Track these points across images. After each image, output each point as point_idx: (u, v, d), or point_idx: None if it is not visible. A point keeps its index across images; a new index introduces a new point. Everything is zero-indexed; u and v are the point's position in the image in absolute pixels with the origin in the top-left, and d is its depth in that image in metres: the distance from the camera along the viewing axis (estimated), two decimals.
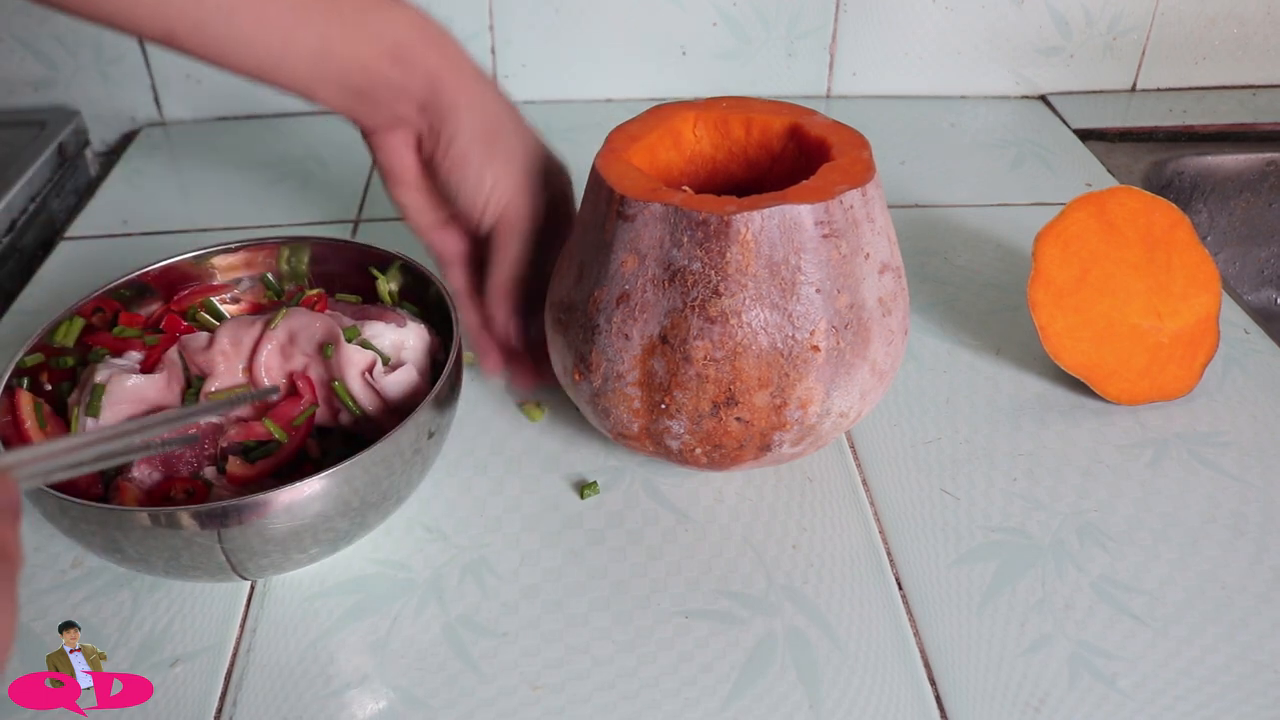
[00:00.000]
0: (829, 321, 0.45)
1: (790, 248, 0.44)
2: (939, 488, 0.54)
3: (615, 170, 0.48)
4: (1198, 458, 0.56)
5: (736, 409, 0.46)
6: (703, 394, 0.46)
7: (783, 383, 0.46)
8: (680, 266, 0.45)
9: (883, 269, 0.48)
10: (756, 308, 0.45)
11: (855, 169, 0.47)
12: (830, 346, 0.46)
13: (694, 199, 0.45)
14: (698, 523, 0.52)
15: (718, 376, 0.46)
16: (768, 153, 0.53)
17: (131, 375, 0.48)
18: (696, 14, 0.89)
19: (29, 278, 0.72)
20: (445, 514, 0.53)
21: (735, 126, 0.53)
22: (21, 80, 0.87)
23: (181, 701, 0.44)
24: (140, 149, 0.88)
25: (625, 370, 0.47)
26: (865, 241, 0.46)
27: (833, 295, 0.45)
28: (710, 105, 0.53)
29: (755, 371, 0.45)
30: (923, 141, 0.88)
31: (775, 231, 0.44)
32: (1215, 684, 0.44)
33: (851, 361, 0.46)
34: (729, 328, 0.45)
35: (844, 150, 0.49)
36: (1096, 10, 0.91)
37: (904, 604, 0.48)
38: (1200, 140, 0.90)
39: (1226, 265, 0.91)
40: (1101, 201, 0.59)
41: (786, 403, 0.46)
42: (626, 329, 0.46)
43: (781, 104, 0.53)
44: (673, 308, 0.45)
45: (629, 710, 0.43)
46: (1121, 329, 0.59)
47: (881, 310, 0.47)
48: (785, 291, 0.45)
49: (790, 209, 0.44)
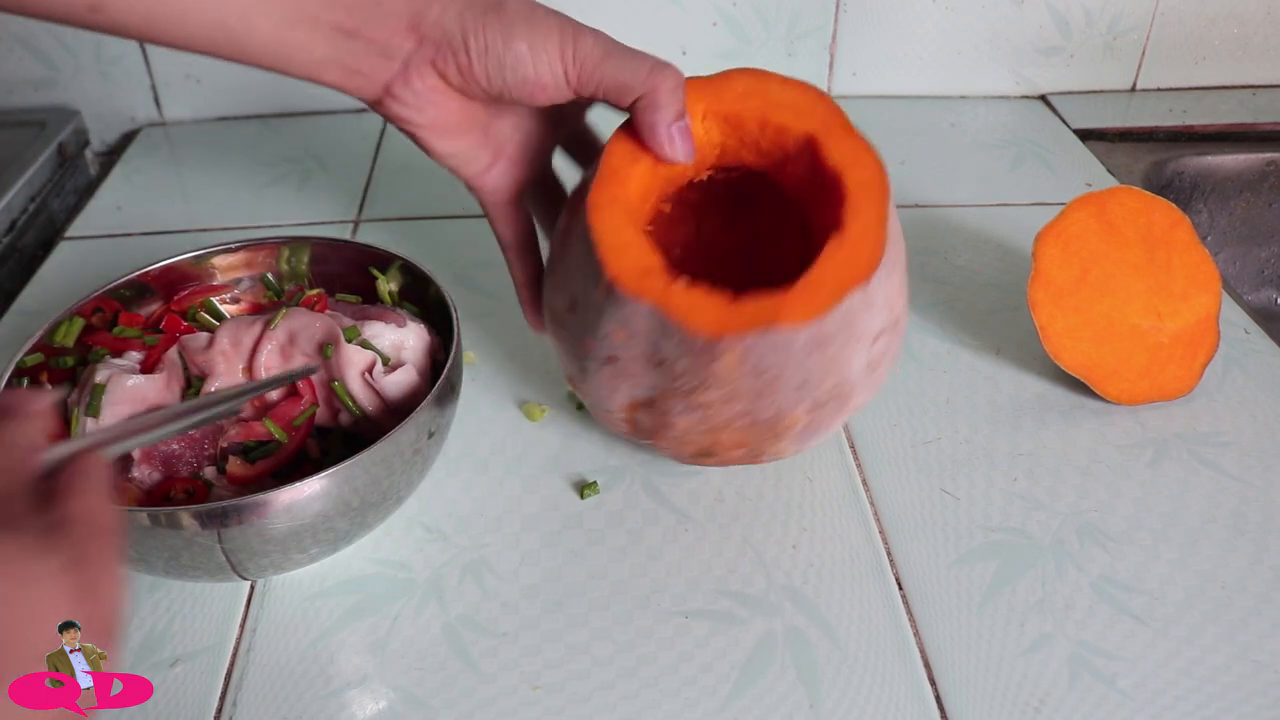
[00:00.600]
0: (809, 404, 0.45)
1: (775, 360, 0.42)
2: (939, 488, 0.54)
3: (608, 229, 0.44)
4: (1198, 458, 0.56)
5: (714, 457, 0.49)
6: (684, 446, 0.48)
7: (759, 444, 0.47)
8: (667, 358, 0.43)
9: (877, 337, 0.45)
10: (739, 401, 0.44)
11: (864, 247, 0.43)
12: (809, 420, 0.46)
13: (683, 303, 0.42)
14: (698, 523, 0.52)
15: (698, 440, 0.47)
16: (781, 149, 0.49)
17: (131, 375, 0.48)
18: (696, 14, 0.89)
19: (29, 278, 0.72)
20: (445, 514, 0.53)
21: (749, 124, 0.48)
22: (21, 80, 0.87)
23: (181, 701, 0.44)
24: (140, 149, 0.88)
25: (613, 409, 0.48)
26: (861, 327, 0.44)
27: (816, 386, 0.44)
28: (721, 92, 0.47)
29: (733, 439, 0.46)
30: (923, 141, 0.88)
31: (762, 350, 0.42)
32: (1215, 684, 0.44)
33: (828, 423, 0.47)
34: (710, 414, 0.45)
35: (859, 206, 0.44)
36: (1096, 10, 0.91)
37: (904, 604, 0.48)
38: (1200, 140, 0.90)
39: (1226, 265, 0.91)
40: (1101, 201, 0.59)
41: (762, 453, 0.48)
42: (614, 384, 0.46)
43: (804, 96, 0.47)
44: (658, 385, 0.45)
45: (629, 710, 0.43)
46: (1121, 329, 0.59)
47: (868, 370, 0.46)
48: (767, 389, 0.44)
49: (780, 333, 0.41)
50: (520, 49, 0.44)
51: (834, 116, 0.47)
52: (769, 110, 0.47)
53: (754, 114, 0.47)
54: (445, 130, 0.48)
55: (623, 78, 0.45)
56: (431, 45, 0.45)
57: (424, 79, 0.46)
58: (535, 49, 0.44)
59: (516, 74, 0.45)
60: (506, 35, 0.44)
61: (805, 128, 0.46)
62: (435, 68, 0.45)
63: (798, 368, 0.43)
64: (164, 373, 0.49)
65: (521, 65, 0.45)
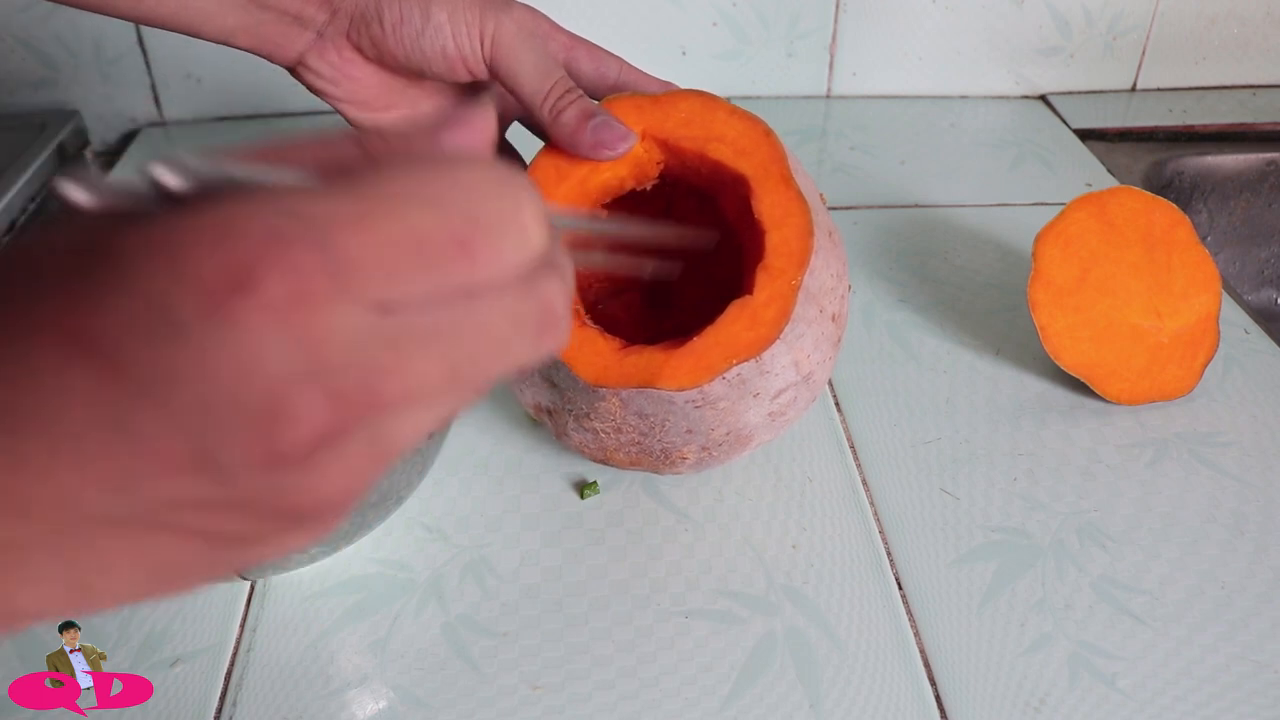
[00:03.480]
0: (699, 445, 0.46)
1: (659, 410, 0.44)
2: (939, 488, 0.54)
3: None
4: (1198, 458, 0.56)
5: (610, 464, 0.49)
6: (584, 451, 0.49)
7: (655, 467, 0.48)
8: (559, 384, 0.46)
9: (779, 393, 0.45)
10: (627, 433, 0.46)
11: (765, 318, 0.43)
12: (699, 457, 0.47)
13: (573, 344, 0.43)
14: (698, 523, 0.52)
15: (594, 454, 0.49)
16: (718, 180, 0.48)
17: None
18: (696, 14, 0.89)
19: None
20: (445, 514, 0.53)
21: (687, 154, 0.47)
22: (21, 80, 0.87)
23: (181, 701, 0.44)
24: (140, 149, 0.88)
25: (525, 400, 0.50)
26: (756, 387, 0.44)
27: (706, 434, 0.45)
28: (667, 114, 0.46)
29: (628, 459, 0.48)
30: (923, 141, 0.88)
31: (642, 401, 0.44)
32: (1215, 684, 0.44)
33: (728, 457, 0.48)
34: (601, 438, 0.47)
35: (773, 268, 0.43)
36: (1096, 10, 0.91)
37: (904, 604, 0.48)
38: (1200, 140, 0.90)
39: (1226, 265, 0.91)
40: (1101, 201, 0.59)
41: (660, 472, 0.49)
42: (520, 386, 0.49)
43: (749, 132, 0.46)
44: (555, 402, 0.47)
45: (629, 710, 0.43)
46: (1121, 329, 0.59)
47: (770, 419, 0.46)
48: (656, 429, 0.45)
49: (660, 395, 0.42)
50: (439, 18, 0.45)
51: (774, 163, 0.45)
52: (709, 144, 0.46)
53: (693, 145, 0.46)
54: (364, 104, 0.48)
55: (528, 84, 0.46)
56: (345, 17, 0.45)
57: (340, 51, 0.46)
58: (454, 18, 0.45)
59: (435, 44, 0.45)
60: (424, 5, 0.45)
61: (741, 170, 0.45)
62: (350, 40, 0.46)
63: (682, 418, 0.44)
64: None
65: (440, 35, 0.45)
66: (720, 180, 0.47)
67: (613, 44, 0.91)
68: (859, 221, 0.77)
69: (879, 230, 0.76)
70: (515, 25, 0.46)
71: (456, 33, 0.45)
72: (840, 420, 0.59)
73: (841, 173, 0.83)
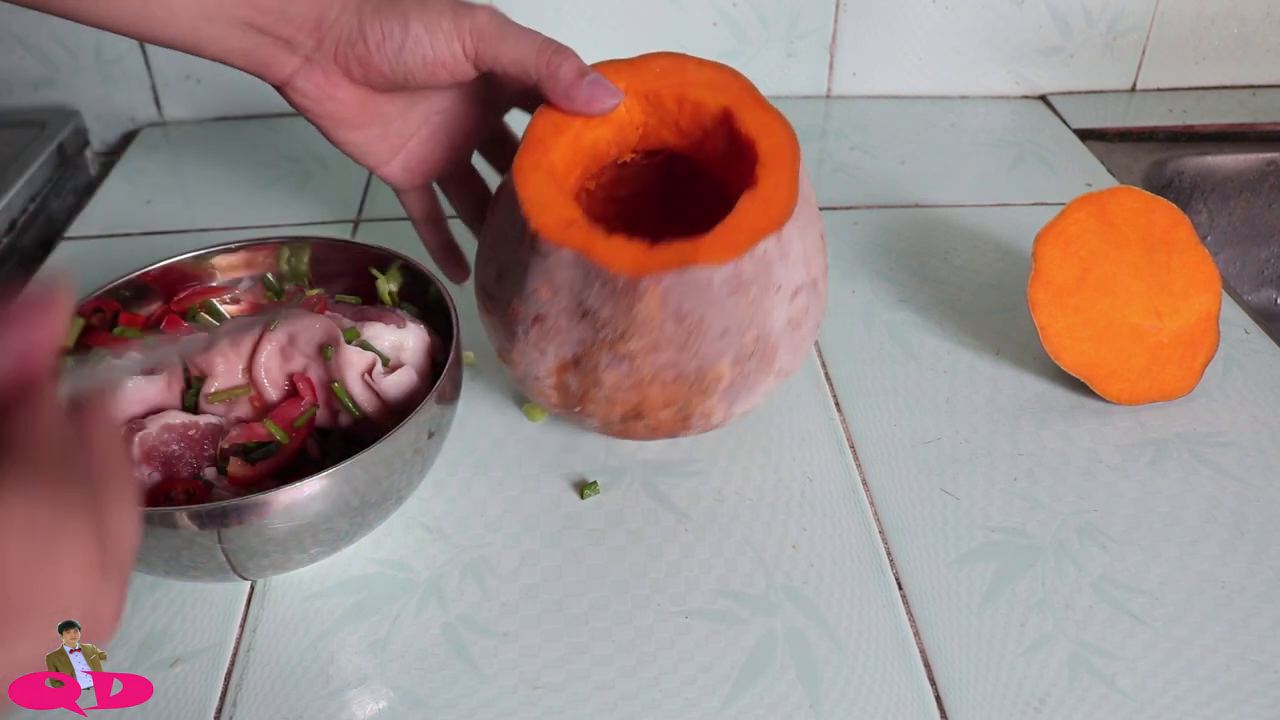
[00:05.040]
0: (734, 356, 0.46)
1: (697, 302, 0.44)
2: (939, 488, 0.54)
3: (532, 189, 0.46)
4: (1198, 458, 0.56)
5: (644, 420, 0.49)
6: (612, 408, 0.48)
7: (687, 404, 0.48)
8: (591, 308, 0.45)
9: (796, 292, 0.47)
10: (664, 351, 0.45)
11: (777, 200, 0.46)
12: (735, 375, 0.47)
13: (604, 247, 0.44)
14: (698, 523, 0.52)
15: (626, 399, 0.48)
16: (700, 127, 0.51)
17: (132, 376, 0.48)
18: (696, 14, 0.89)
19: (29, 278, 0.72)
20: (445, 514, 0.53)
21: (667, 101, 0.51)
22: (21, 80, 0.87)
23: (181, 701, 0.44)
24: (140, 149, 0.88)
25: (542, 375, 0.49)
26: (778, 276, 0.46)
27: (739, 335, 0.46)
28: (641, 72, 0.51)
29: (661, 396, 0.47)
30: (923, 141, 0.88)
31: (682, 290, 0.43)
32: (1215, 684, 0.44)
33: (754, 380, 0.48)
34: (636, 365, 0.46)
35: (770, 166, 0.47)
36: (1096, 10, 0.91)
37: (904, 604, 0.48)
38: (1200, 140, 0.90)
39: (1226, 265, 0.91)
40: (1101, 201, 0.59)
41: (691, 414, 0.49)
42: (543, 345, 0.48)
43: (719, 74, 0.51)
44: (584, 339, 0.46)
45: (629, 710, 0.43)
46: (1121, 329, 0.59)
47: (790, 328, 0.48)
48: (691, 335, 0.45)
49: (698, 272, 0.43)
50: (417, 30, 0.48)
51: (747, 92, 0.50)
52: (686, 88, 0.50)
53: (672, 91, 0.50)
54: (344, 122, 0.52)
55: (519, 54, 0.49)
56: (332, 43, 0.49)
57: (326, 74, 0.50)
58: (431, 27, 0.48)
59: (416, 54, 0.49)
60: (402, 20, 0.48)
61: (720, 102, 0.50)
62: (338, 64, 0.50)
63: (718, 311, 0.44)
64: (164, 374, 0.49)
65: (420, 45, 0.48)
66: (701, 125, 0.51)
67: (613, 44, 0.91)
68: (859, 221, 0.77)
69: (879, 230, 0.76)
70: (487, 15, 0.49)
71: (434, 40, 0.48)
72: (840, 420, 0.59)
73: (841, 173, 0.83)
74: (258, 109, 0.92)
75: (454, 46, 0.49)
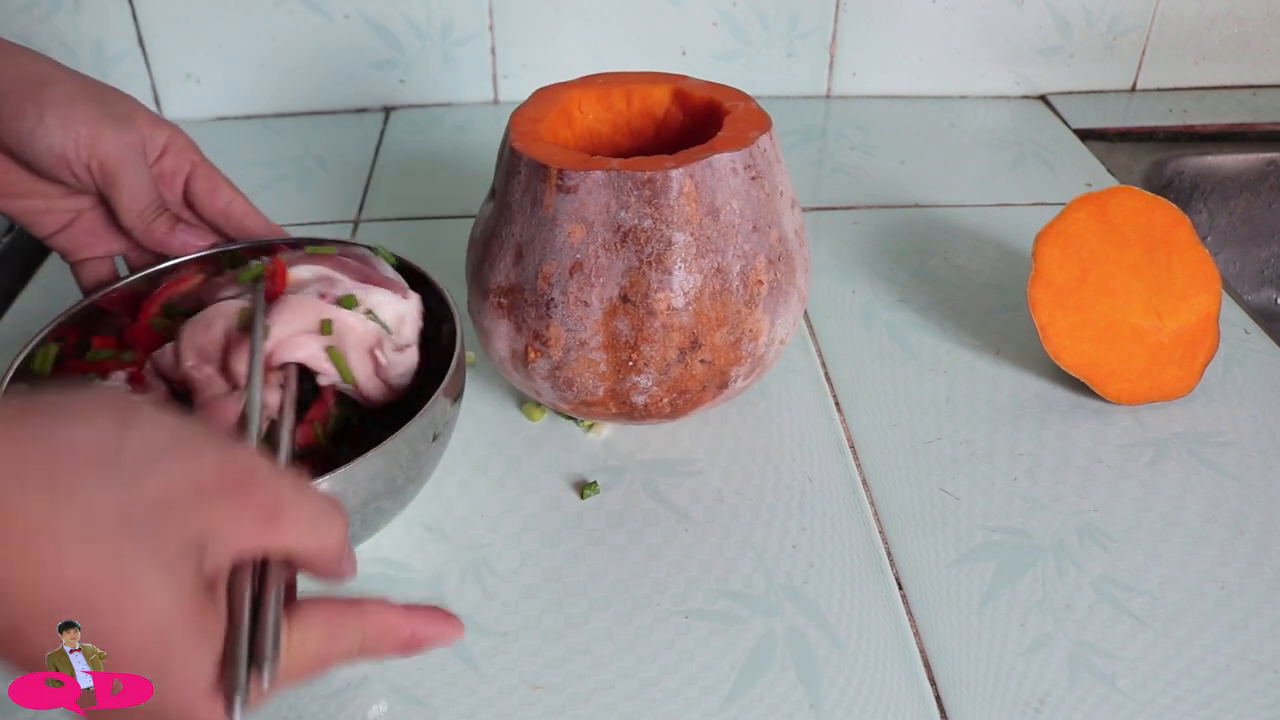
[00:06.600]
0: (766, 256, 0.50)
1: (727, 193, 0.48)
2: (939, 488, 0.54)
3: (540, 148, 0.49)
4: (1198, 458, 0.56)
5: (700, 351, 0.50)
6: (669, 343, 0.49)
7: (737, 319, 0.50)
8: (631, 227, 0.47)
9: (793, 204, 0.53)
10: (708, 254, 0.48)
11: (754, 118, 0.52)
12: (771, 279, 0.50)
13: (629, 162, 0.48)
14: (698, 523, 0.52)
15: (681, 324, 0.49)
16: (651, 120, 0.57)
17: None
18: (696, 14, 0.89)
19: (29, 278, 0.72)
20: (445, 514, 0.53)
21: (617, 99, 0.56)
22: None
23: None
24: None
25: (588, 336, 0.49)
26: (779, 180, 0.52)
27: (766, 232, 0.50)
28: (589, 81, 0.56)
29: (714, 312, 0.49)
30: (923, 141, 0.88)
31: (712, 179, 0.48)
32: (1215, 684, 0.44)
33: (786, 290, 0.51)
34: (686, 275, 0.48)
35: (735, 103, 0.53)
36: (1096, 10, 0.91)
37: (904, 604, 0.48)
38: (1200, 140, 0.90)
39: (1226, 265, 0.91)
40: (1101, 201, 0.59)
41: (741, 337, 0.50)
42: (585, 296, 0.48)
43: (658, 74, 0.57)
44: (629, 267, 0.48)
45: (629, 710, 0.43)
46: (1121, 329, 0.59)
47: (798, 241, 0.53)
48: (729, 234, 0.49)
49: (721, 157, 0.48)
50: (51, 123, 0.48)
51: (685, 78, 0.56)
52: (632, 84, 0.56)
53: (620, 90, 0.56)
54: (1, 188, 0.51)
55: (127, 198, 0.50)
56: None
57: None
58: (66, 129, 0.48)
59: (44, 143, 0.48)
60: (41, 107, 0.47)
61: (668, 87, 0.56)
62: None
63: (745, 201, 0.49)
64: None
65: (50, 136, 0.48)
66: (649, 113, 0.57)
67: (613, 44, 0.92)
68: (859, 221, 0.77)
69: (879, 230, 0.76)
70: (124, 147, 0.49)
71: (65, 141, 0.48)
72: (840, 420, 0.59)
73: (841, 173, 0.83)
74: (258, 109, 0.92)
75: (81, 152, 0.48)
